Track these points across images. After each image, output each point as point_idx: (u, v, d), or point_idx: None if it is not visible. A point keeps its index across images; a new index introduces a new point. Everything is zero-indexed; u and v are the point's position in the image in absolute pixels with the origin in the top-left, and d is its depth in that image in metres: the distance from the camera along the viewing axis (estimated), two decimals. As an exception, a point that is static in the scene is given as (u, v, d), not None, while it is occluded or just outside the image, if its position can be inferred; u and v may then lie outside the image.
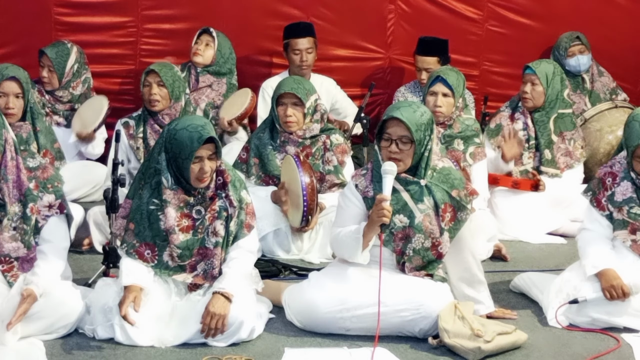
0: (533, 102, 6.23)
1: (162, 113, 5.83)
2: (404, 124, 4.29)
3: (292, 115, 5.67)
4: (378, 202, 4.26)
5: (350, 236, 4.36)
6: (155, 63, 6.15)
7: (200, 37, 6.95)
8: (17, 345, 4.15)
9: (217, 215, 4.38)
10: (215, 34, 6.95)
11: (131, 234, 4.38)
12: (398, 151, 4.32)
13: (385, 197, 4.25)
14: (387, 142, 4.35)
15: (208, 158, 4.30)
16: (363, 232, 4.31)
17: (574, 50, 7.25)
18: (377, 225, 4.26)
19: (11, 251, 4.28)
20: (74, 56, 6.74)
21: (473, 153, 5.85)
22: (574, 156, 6.33)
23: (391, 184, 4.29)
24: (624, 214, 4.63)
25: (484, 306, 4.54)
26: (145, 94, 5.83)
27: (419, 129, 4.30)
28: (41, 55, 6.68)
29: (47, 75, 6.67)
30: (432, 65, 6.83)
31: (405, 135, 4.30)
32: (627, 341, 4.40)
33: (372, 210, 4.28)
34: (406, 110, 4.33)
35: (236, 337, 4.29)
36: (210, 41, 6.94)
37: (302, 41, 6.94)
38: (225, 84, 6.98)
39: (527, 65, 6.28)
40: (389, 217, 4.26)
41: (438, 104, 5.75)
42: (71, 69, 6.71)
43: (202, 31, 6.97)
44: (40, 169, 4.37)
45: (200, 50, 6.90)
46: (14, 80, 5.60)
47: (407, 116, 4.30)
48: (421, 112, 4.35)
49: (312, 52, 6.97)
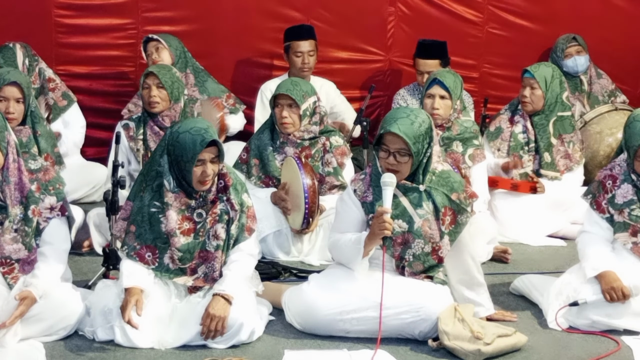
0: (532, 105, 6.23)
1: (162, 114, 5.83)
2: (401, 138, 4.29)
3: (288, 116, 5.68)
4: (379, 214, 4.25)
5: (350, 246, 4.37)
6: (153, 65, 6.16)
7: (148, 48, 6.78)
8: (17, 347, 4.16)
9: (219, 218, 4.38)
10: (157, 35, 6.79)
11: (132, 236, 4.38)
12: (396, 163, 4.32)
13: (386, 209, 4.24)
14: (385, 154, 4.34)
15: (210, 161, 4.30)
16: (364, 242, 4.31)
17: (570, 51, 7.26)
18: (379, 237, 4.27)
19: (12, 253, 4.29)
20: (20, 53, 6.55)
21: (472, 155, 5.85)
22: (573, 159, 6.33)
23: (391, 196, 4.28)
24: (624, 216, 4.63)
25: (483, 308, 4.54)
26: (145, 96, 5.83)
27: (417, 141, 4.29)
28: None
29: None
30: (434, 68, 6.80)
31: (403, 148, 4.29)
32: (626, 343, 4.40)
33: (373, 222, 4.27)
34: (404, 122, 4.28)
35: (236, 339, 4.29)
36: (156, 44, 6.76)
37: (304, 44, 6.93)
38: (190, 73, 6.88)
39: (525, 69, 6.28)
40: (391, 229, 4.26)
41: (435, 106, 5.75)
42: (24, 66, 6.56)
43: (144, 42, 6.81)
44: (42, 171, 4.37)
45: (156, 58, 6.72)
46: (15, 85, 5.58)
47: (405, 130, 4.26)
48: (420, 121, 4.31)
49: (313, 55, 6.97)
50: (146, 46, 6.82)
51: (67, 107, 6.70)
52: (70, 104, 6.71)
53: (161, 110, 5.82)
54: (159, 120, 5.83)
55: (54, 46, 7.13)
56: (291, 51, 6.96)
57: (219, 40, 7.28)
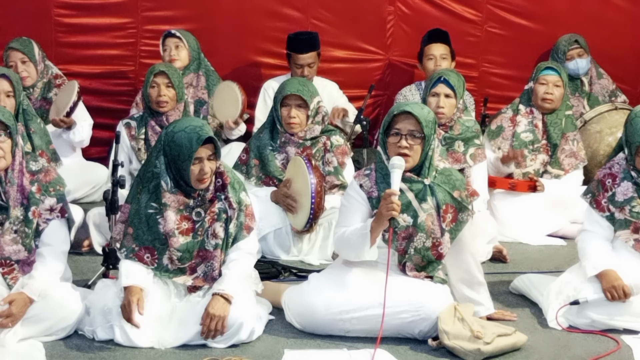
0: (555, 104, 6.22)
1: (167, 114, 5.84)
2: (414, 118, 4.31)
3: (296, 116, 5.67)
4: (387, 195, 4.23)
5: (357, 233, 4.33)
6: (160, 64, 6.14)
7: (166, 43, 6.80)
8: (16, 346, 4.16)
9: (217, 217, 4.38)
10: (179, 33, 6.80)
11: (130, 238, 4.38)
12: (408, 146, 4.32)
13: (394, 191, 4.23)
14: (397, 137, 4.34)
15: (207, 159, 4.30)
16: (371, 227, 4.28)
17: (572, 53, 7.24)
18: (386, 219, 4.22)
19: (12, 254, 4.29)
20: (35, 44, 6.57)
21: (473, 154, 5.85)
22: (578, 157, 6.34)
23: (399, 178, 4.27)
24: (626, 213, 4.63)
25: (483, 308, 4.55)
26: (153, 94, 5.82)
27: (427, 124, 4.33)
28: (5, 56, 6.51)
29: (23, 68, 6.46)
30: (444, 51, 6.86)
31: (416, 130, 4.31)
32: (627, 343, 4.40)
33: (381, 204, 4.24)
34: (415, 106, 4.37)
35: (236, 339, 4.29)
36: (177, 42, 6.79)
37: (303, 57, 6.88)
38: (202, 75, 6.90)
39: (547, 66, 6.26)
40: (398, 210, 4.23)
41: (440, 104, 5.74)
42: (40, 57, 6.58)
43: (164, 37, 6.83)
44: (42, 172, 4.37)
45: (175, 55, 6.75)
46: (4, 78, 5.58)
47: (417, 111, 4.33)
48: (428, 110, 4.41)
49: (314, 66, 6.93)
50: (165, 41, 6.81)
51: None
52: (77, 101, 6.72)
53: (169, 109, 5.84)
54: (163, 119, 5.83)
55: (54, 45, 7.14)
56: (292, 60, 6.95)
57: (219, 40, 7.27)
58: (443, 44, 6.94)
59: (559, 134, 6.26)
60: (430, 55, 6.93)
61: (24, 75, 6.44)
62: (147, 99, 5.89)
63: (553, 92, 6.20)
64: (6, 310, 4.14)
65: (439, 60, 6.86)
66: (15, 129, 4.29)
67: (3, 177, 4.27)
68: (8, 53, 6.50)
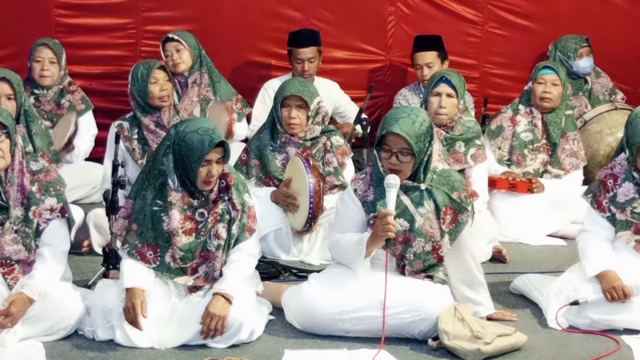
0: (553, 102, 6.23)
1: (163, 110, 5.83)
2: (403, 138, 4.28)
3: (297, 117, 5.67)
4: (382, 216, 4.24)
5: (352, 247, 4.35)
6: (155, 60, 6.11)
7: (167, 49, 6.79)
8: (16, 346, 4.16)
9: (220, 218, 4.38)
10: (177, 35, 6.80)
11: (133, 234, 4.38)
12: (398, 163, 4.31)
13: (390, 211, 4.23)
14: (387, 154, 4.33)
15: (216, 162, 4.30)
16: (366, 243, 4.30)
17: (582, 52, 7.23)
18: (382, 239, 4.25)
19: (12, 254, 4.29)
20: (62, 49, 6.69)
21: (474, 155, 5.84)
22: (579, 156, 6.34)
23: (395, 198, 4.27)
24: (627, 214, 4.63)
25: (483, 308, 4.55)
26: (154, 90, 5.79)
27: (418, 140, 4.28)
28: (35, 50, 6.59)
29: (49, 67, 6.57)
30: (432, 59, 6.87)
31: (405, 148, 4.28)
32: (627, 343, 4.40)
33: (376, 224, 4.25)
34: (405, 122, 4.26)
35: (236, 339, 4.29)
36: (177, 45, 6.78)
37: (304, 51, 6.91)
38: (205, 72, 6.88)
39: (545, 65, 6.27)
40: (394, 231, 4.24)
41: (442, 104, 5.73)
42: (65, 62, 6.68)
43: (163, 42, 6.82)
44: (43, 172, 4.37)
45: (177, 59, 6.75)
46: (5, 81, 5.58)
47: (406, 129, 4.25)
48: (420, 121, 4.30)
49: (314, 62, 6.94)
50: (165, 46, 6.82)
51: (83, 112, 6.73)
52: (87, 110, 6.78)
53: (170, 104, 5.85)
54: (160, 116, 5.82)
55: (54, 46, 7.13)
56: (292, 56, 6.96)
57: (219, 40, 7.27)
58: (429, 50, 6.93)
59: (558, 133, 6.26)
60: (417, 64, 6.98)
61: (46, 74, 6.55)
62: (145, 96, 5.84)
63: (551, 91, 6.21)
64: (5, 310, 4.14)
65: (425, 70, 6.88)
66: (14, 129, 4.29)
67: (3, 177, 4.27)
68: (39, 48, 6.58)
